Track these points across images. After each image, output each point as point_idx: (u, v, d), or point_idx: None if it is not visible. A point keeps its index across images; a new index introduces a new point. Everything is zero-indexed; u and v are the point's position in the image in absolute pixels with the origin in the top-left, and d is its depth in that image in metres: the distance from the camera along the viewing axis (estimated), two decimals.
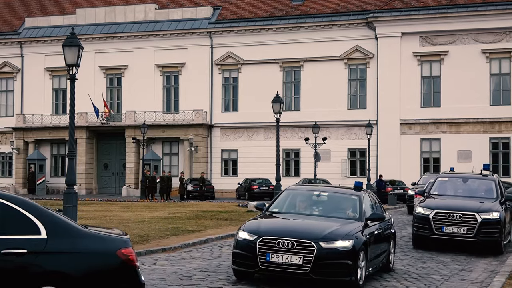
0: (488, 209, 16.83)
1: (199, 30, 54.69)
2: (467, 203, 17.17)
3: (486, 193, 17.97)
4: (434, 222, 16.88)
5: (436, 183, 18.80)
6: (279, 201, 12.97)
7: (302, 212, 12.65)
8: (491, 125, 48.67)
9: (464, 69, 48.75)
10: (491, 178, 18.54)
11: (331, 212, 12.48)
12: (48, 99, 58.29)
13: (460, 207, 16.94)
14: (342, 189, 13.75)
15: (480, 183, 18.55)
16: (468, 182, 18.70)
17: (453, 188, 18.55)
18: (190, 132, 53.29)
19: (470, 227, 16.59)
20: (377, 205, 13.53)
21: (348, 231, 11.33)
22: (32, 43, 58.75)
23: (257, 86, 52.80)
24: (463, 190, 18.35)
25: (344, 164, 51.40)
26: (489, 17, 48.50)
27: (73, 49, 16.84)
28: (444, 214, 16.87)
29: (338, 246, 11.04)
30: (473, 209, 16.77)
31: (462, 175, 19.46)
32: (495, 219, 16.70)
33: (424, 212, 17.12)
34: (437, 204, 17.30)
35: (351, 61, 51.74)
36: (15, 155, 57.37)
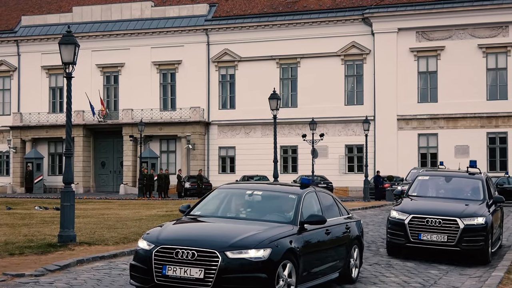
0: (472, 214, 14.81)
1: (195, 27, 54.64)
2: (448, 207, 15.20)
3: (472, 193, 16.02)
4: (410, 228, 14.87)
5: (415, 183, 16.80)
6: (205, 202, 11.16)
7: (228, 215, 10.67)
8: (488, 120, 48.70)
9: (461, 64, 48.76)
10: (478, 177, 16.47)
11: (263, 214, 10.50)
12: (45, 97, 58.22)
13: (440, 211, 14.90)
14: (282, 187, 11.65)
15: (466, 183, 16.49)
16: (452, 182, 16.66)
17: (435, 188, 16.58)
18: (187, 130, 53.27)
19: (451, 234, 14.56)
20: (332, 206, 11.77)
21: (265, 238, 9.36)
22: (29, 42, 58.65)
23: (254, 83, 52.78)
24: (446, 191, 16.40)
25: (342, 160, 51.42)
26: (485, 12, 48.49)
27: (69, 47, 16.80)
28: (422, 219, 14.83)
29: (249, 257, 9.11)
30: (455, 214, 14.75)
31: (445, 173, 17.14)
32: (480, 225, 14.64)
33: (399, 217, 15.13)
34: (413, 208, 15.30)
35: (348, 57, 51.73)
36: (12, 153, 57.30)
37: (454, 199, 15.78)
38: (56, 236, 16.56)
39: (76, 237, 16.33)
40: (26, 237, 17.25)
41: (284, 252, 9.44)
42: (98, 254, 14.38)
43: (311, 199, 11.09)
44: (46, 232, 18.78)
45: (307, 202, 10.84)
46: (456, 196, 15.94)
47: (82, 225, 20.64)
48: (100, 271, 12.73)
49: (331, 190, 47.13)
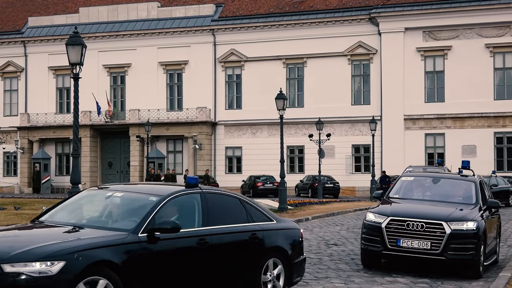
0: (460, 217, 12.73)
1: (202, 27, 54.67)
2: (433, 209, 13.20)
3: (463, 197, 13.96)
4: (387, 233, 12.75)
5: (398, 184, 14.69)
6: (60, 208, 9.50)
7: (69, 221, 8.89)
8: (495, 120, 48.58)
9: (468, 64, 48.65)
10: (470, 179, 14.36)
11: (111, 220, 8.78)
12: (52, 98, 58.35)
13: (423, 214, 12.85)
14: (150, 187, 9.85)
15: (456, 185, 14.40)
16: (440, 184, 14.54)
17: (420, 191, 14.47)
18: (194, 130, 53.31)
19: (436, 240, 12.49)
20: (232, 210, 9.73)
21: (61, 248, 7.55)
22: (36, 42, 58.79)
23: (261, 83, 52.78)
24: (433, 194, 14.29)
25: (349, 160, 51.37)
26: (492, 11, 48.37)
27: (76, 48, 16.85)
28: (401, 222, 12.74)
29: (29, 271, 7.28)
30: (441, 217, 12.68)
31: (432, 174, 15.13)
32: (470, 230, 12.55)
33: (376, 220, 13.01)
34: (393, 210, 13.17)
35: (355, 57, 51.68)
36: (20, 154, 57.44)
37: (441, 203, 13.70)
38: None
39: None
40: None
41: (88, 265, 7.49)
42: None
43: (183, 202, 9.11)
44: None
45: (171, 206, 8.86)
46: (444, 200, 13.87)
47: None
48: None
49: (337, 190, 47.14)
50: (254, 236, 9.65)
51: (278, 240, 9.96)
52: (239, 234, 9.55)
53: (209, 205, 9.30)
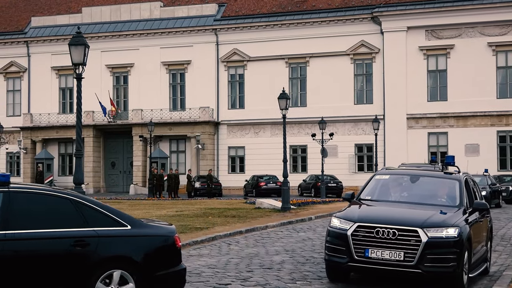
0: (439, 223, 10.83)
1: (204, 27, 54.69)
2: (408, 213, 11.27)
3: (446, 198, 12.12)
4: (354, 241, 10.84)
5: (370, 184, 12.67)
6: None
7: None
8: (498, 118, 48.54)
9: (471, 63, 48.61)
10: (454, 177, 12.47)
11: None
12: (55, 98, 58.41)
13: (396, 219, 10.92)
14: None
15: (438, 184, 12.47)
16: (419, 183, 12.59)
17: (396, 191, 12.54)
18: (197, 130, 53.34)
19: (410, 250, 10.60)
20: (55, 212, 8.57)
21: None
22: (39, 43, 58.86)
23: (263, 82, 52.79)
24: (410, 195, 12.31)
25: (352, 160, 51.36)
26: (495, 10, 48.33)
27: (79, 48, 16.87)
28: (370, 229, 10.80)
29: None
30: (416, 222, 10.77)
31: (410, 172, 13.03)
32: (451, 237, 10.66)
33: (341, 226, 11.10)
34: (361, 214, 11.24)
35: (357, 56, 51.67)
36: (23, 154, 57.52)
37: (419, 205, 11.75)
38: None
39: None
40: None
41: None
42: None
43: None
44: None
45: None
46: (424, 201, 11.92)
47: None
48: None
49: (340, 190, 46.99)
50: (80, 243, 8.30)
51: (124, 249, 8.55)
52: (53, 241, 8.21)
53: (14, 206, 8.23)
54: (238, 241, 18.28)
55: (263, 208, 30.18)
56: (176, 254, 9.08)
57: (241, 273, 12.70)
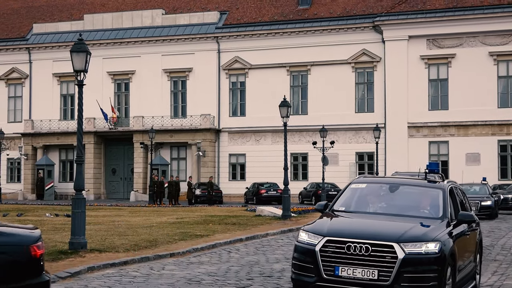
0: (418, 237, 9.70)
1: (206, 35, 54.77)
2: (383, 226, 10.14)
3: (428, 209, 10.96)
4: (322, 258, 9.69)
5: (345, 193, 11.48)
6: None
7: None
8: (499, 128, 48.54)
9: (472, 72, 48.65)
10: (438, 186, 11.35)
11: None
12: (56, 104, 58.47)
13: (369, 233, 9.79)
14: None
15: (419, 194, 11.37)
16: (399, 192, 11.43)
17: (374, 201, 11.37)
18: (198, 137, 53.36)
19: (385, 268, 9.47)
20: None
21: None
22: (40, 49, 58.95)
23: (264, 90, 52.84)
24: (389, 205, 11.17)
25: (352, 168, 51.34)
26: (496, 20, 48.40)
27: (81, 55, 16.89)
28: (340, 244, 9.66)
29: None
30: (392, 237, 9.64)
31: (389, 180, 12.01)
32: (431, 253, 9.56)
33: (309, 241, 9.92)
34: (330, 228, 10.04)
35: (358, 65, 51.72)
36: (24, 160, 57.53)
37: (398, 216, 10.63)
38: (67, 243, 16.61)
39: (87, 244, 16.38)
40: None
41: None
42: (109, 261, 14.42)
43: None
44: (57, 239, 18.83)
45: None
46: (403, 213, 10.78)
47: (93, 232, 20.69)
48: (111, 278, 12.76)
49: None
50: None
51: None
52: None
53: None
54: (238, 248, 18.27)
55: (263, 216, 30.17)
56: (33, 265, 8.00)
57: (241, 281, 12.69)
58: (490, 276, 14.07)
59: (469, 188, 33.80)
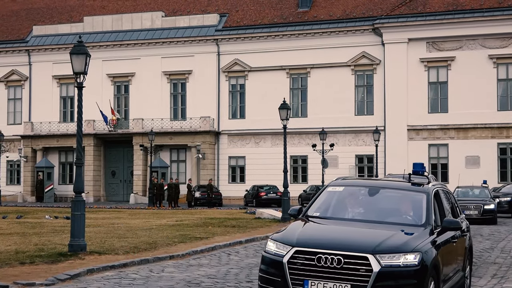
0: (396, 247, 8.78)
1: (206, 37, 54.79)
2: (358, 235, 9.21)
3: (410, 215, 9.98)
4: (291, 271, 8.81)
5: (321, 197, 10.50)
6: None
7: None
8: (499, 131, 48.55)
9: (471, 75, 48.66)
10: (422, 189, 10.34)
11: None
12: (56, 107, 58.46)
13: (342, 243, 8.87)
14: None
15: (401, 198, 10.32)
16: (379, 196, 10.43)
17: (352, 206, 10.34)
18: (198, 139, 53.34)
19: (359, 282, 8.62)
20: None
21: None
22: (40, 51, 58.95)
23: (264, 92, 52.85)
24: (368, 211, 10.15)
25: (352, 171, 51.34)
26: (495, 22, 48.43)
27: (80, 57, 16.89)
28: (310, 255, 8.76)
29: None
30: (366, 247, 8.74)
31: (369, 183, 11.23)
32: (410, 265, 8.68)
33: (277, 251, 9.03)
34: (300, 237, 9.06)
35: (358, 67, 51.73)
36: (23, 163, 57.51)
37: (377, 223, 9.67)
38: (66, 245, 16.60)
39: (87, 246, 16.37)
40: (37, 246, 17.30)
41: None
42: (108, 263, 14.41)
43: None
44: (56, 241, 18.83)
45: None
46: (383, 219, 9.80)
47: (93, 234, 20.69)
48: (110, 280, 12.75)
49: None
50: None
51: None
52: None
53: None
54: (238, 251, 18.26)
55: (263, 218, 30.16)
56: None
57: (241, 283, 12.68)
58: (490, 279, 14.06)
59: (469, 191, 33.73)
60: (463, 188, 34.60)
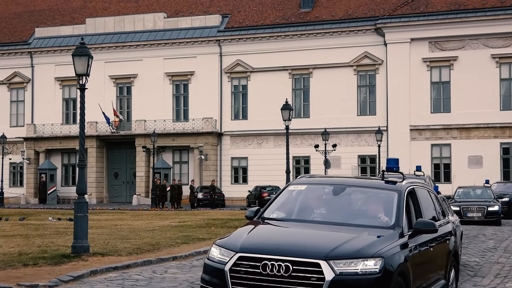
0: (353, 252, 7.65)
1: (208, 38, 54.80)
2: (312, 238, 8.02)
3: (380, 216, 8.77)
4: (233, 280, 7.76)
5: (281, 196, 9.41)
6: None
7: None
8: (501, 130, 48.50)
9: (474, 74, 48.62)
10: (393, 187, 9.15)
11: None
12: (59, 108, 58.51)
13: (292, 248, 7.72)
14: None
15: (370, 197, 9.19)
16: (345, 195, 9.20)
17: (314, 206, 9.13)
18: (200, 140, 53.35)
19: None
20: None
21: None
22: (42, 53, 59.00)
23: (266, 93, 52.84)
24: (330, 211, 8.94)
25: (355, 171, 51.33)
26: (498, 22, 48.38)
27: (82, 59, 16.89)
28: (255, 262, 7.65)
29: None
30: (319, 252, 7.60)
31: (335, 181, 9.81)
32: (369, 273, 7.57)
33: (219, 258, 7.97)
34: (246, 241, 8.00)
35: (360, 68, 51.71)
36: (26, 164, 57.55)
37: (339, 226, 8.50)
38: (69, 247, 16.60)
39: (90, 248, 16.37)
40: (40, 248, 17.31)
41: None
42: (112, 264, 14.40)
43: None
44: (59, 243, 18.83)
45: None
46: (347, 221, 8.66)
47: (96, 236, 20.69)
48: (113, 282, 12.75)
49: None
50: None
51: None
52: None
53: None
54: None
55: None
56: None
57: None
58: (493, 278, 14.05)
59: (470, 192, 32.48)
60: (465, 188, 33.31)
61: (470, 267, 15.60)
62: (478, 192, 32.66)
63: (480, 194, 32.09)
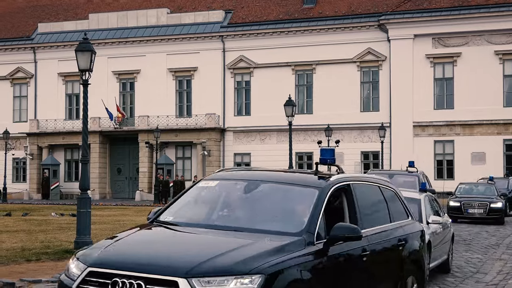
0: (225, 267, 6.17)
1: (211, 34, 54.76)
2: (179, 249, 6.64)
3: (291, 219, 7.27)
4: None
5: (188, 194, 8.18)
6: None
7: None
8: (505, 127, 48.43)
9: (477, 71, 48.54)
10: (314, 184, 7.70)
11: None
12: (62, 104, 58.53)
13: (148, 262, 6.29)
14: None
15: (286, 196, 7.66)
16: (256, 193, 7.77)
17: (220, 206, 7.75)
18: (203, 136, 53.36)
19: None
20: None
21: None
22: (45, 49, 59.01)
23: (270, 89, 52.80)
24: (234, 212, 7.60)
25: (358, 167, 51.30)
26: (502, 18, 48.28)
27: (86, 54, 16.90)
28: (105, 278, 6.27)
29: None
30: (180, 268, 6.14)
31: (249, 176, 8.29)
32: None
33: (73, 273, 6.59)
34: (103, 253, 6.62)
35: (364, 64, 51.65)
36: (29, 160, 57.61)
37: (238, 232, 7.02)
38: (72, 243, 16.62)
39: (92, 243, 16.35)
40: (43, 244, 17.32)
41: None
42: None
43: None
44: (62, 238, 18.85)
45: None
46: (250, 225, 7.15)
47: (98, 232, 20.70)
48: None
49: None
50: None
51: None
52: None
53: None
54: None
55: None
56: None
57: None
58: (495, 275, 14.05)
59: (473, 188, 31.18)
60: (467, 185, 32.03)
61: (473, 264, 15.59)
62: (481, 188, 31.12)
63: (483, 191, 30.55)
